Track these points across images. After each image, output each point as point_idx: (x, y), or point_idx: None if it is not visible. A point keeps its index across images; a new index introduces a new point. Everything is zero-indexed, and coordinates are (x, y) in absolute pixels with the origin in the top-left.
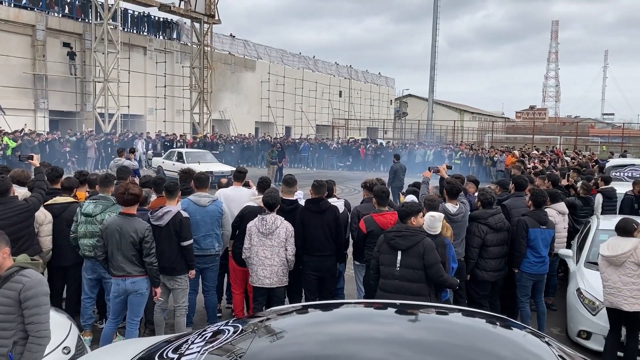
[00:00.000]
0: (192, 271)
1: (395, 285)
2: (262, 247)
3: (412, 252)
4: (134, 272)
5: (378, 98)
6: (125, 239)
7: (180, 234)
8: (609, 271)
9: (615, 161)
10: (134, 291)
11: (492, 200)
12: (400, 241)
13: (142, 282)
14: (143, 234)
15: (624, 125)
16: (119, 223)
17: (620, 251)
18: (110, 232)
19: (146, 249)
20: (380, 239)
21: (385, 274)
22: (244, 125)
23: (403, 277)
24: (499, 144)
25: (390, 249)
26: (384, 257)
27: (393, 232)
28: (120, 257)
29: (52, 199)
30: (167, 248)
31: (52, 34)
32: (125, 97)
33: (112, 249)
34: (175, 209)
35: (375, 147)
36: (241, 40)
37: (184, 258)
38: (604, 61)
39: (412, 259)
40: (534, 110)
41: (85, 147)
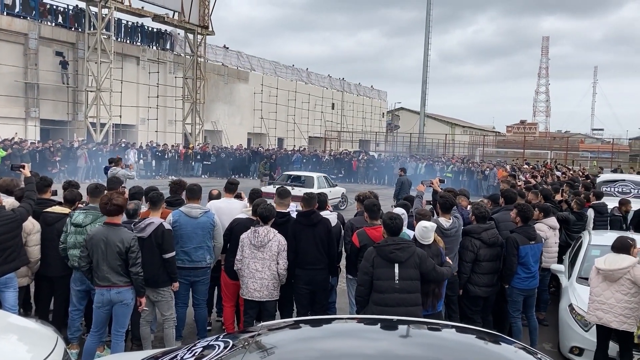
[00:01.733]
0: (176, 284)
1: (396, 299)
2: (254, 260)
3: (409, 263)
4: (119, 283)
5: (370, 111)
6: (111, 249)
7: (163, 246)
8: (602, 286)
9: (605, 176)
10: (119, 301)
11: (487, 214)
12: (399, 254)
13: (127, 292)
14: (129, 244)
15: (613, 140)
16: (104, 233)
17: (618, 266)
18: (96, 242)
19: (132, 259)
20: (371, 253)
21: (384, 288)
22: (236, 136)
23: (403, 289)
24: (489, 158)
25: (386, 262)
26: (380, 271)
27: (390, 245)
28: (106, 267)
29: (49, 207)
30: (149, 260)
31: (45, 42)
32: (118, 107)
33: (97, 259)
34: (158, 221)
35: (368, 159)
36: (234, 52)
37: (166, 270)
38: (594, 77)
39: (410, 270)
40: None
41: (76, 157)
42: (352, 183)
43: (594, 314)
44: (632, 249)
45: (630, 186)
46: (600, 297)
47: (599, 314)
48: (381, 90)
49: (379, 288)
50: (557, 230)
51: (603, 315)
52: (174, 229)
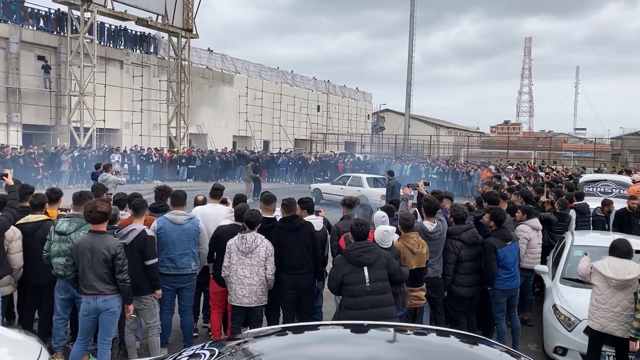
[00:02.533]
0: (158, 291)
1: (369, 301)
2: (242, 266)
3: (378, 264)
4: (106, 291)
5: (356, 112)
6: (97, 257)
7: (144, 253)
8: (608, 293)
9: (588, 176)
10: (105, 309)
11: (465, 216)
12: (367, 256)
13: (113, 300)
14: (116, 251)
15: (595, 140)
16: (90, 241)
17: (630, 275)
18: (81, 250)
19: (119, 266)
20: (340, 261)
21: (357, 292)
22: (222, 139)
23: (375, 291)
24: (474, 159)
25: (355, 267)
26: (351, 276)
27: (357, 249)
28: (92, 276)
29: (23, 217)
30: (131, 267)
31: (26, 47)
32: (101, 111)
33: (83, 267)
34: (140, 227)
35: (354, 160)
36: (219, 55)
37: (149, 277)
38: (576, 77)
39: (379, 272)
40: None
41: (60, 162)
42: None
43: (598, 322)
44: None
45: (612, 186)
46: (607, 304)
47: (604, 322)
48: (366, 92)
49: (350, 293)
50: (540, 231)
51: (608, 323)
52: (158, 236)
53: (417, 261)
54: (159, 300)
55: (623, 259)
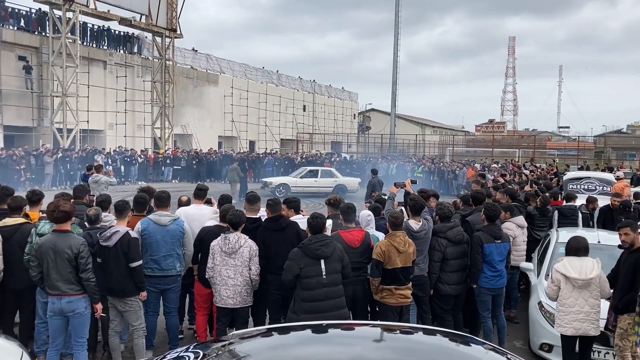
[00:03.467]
0: (143, 293)
1: (325, 293)
2: (225, 267)
3: (334, 257)
4: (70, 291)
5: (342, 112)
6: (60, 257)
7: (129, 255)
8: (574, 295)
9: (572, 174)
10: (71, 311)
11: (450, 214)
12: (324, 249)
13: (78, 301)
14: (78, 249)
15: (579, 138)
16: (52, 241)
17: (593, 273)
18: (45, 250)
19: (82, 265)
20: (297, 254)
21: (313, 284)
22: (207, 139)
23: (331, 282)
24: (459, 157)
25: (313, 259)
26: (308, 269)
27: (315, 242)
28: (56, 275)
29: (1, 220)
30: (116, 269)
31: (7, 47)
32: (85, 112)
33: (47, 267)
34: (124, 229)
35: (340, 160)
36: (203, 55)
37: (133, 280)
38: (559, 76)
39: (334, 264)
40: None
41: (43, 164)
42: None
43: (571, 326)
44: None
45: (595, 183)
46: (575, 306)
47: (577, 325)
48: (352, 92)
49: (307, 285)
50: (524, 228)
51: (580, 325)
52: (142, 237)
53: (403, 260)
54: (144, 302)
55: (582, 257)
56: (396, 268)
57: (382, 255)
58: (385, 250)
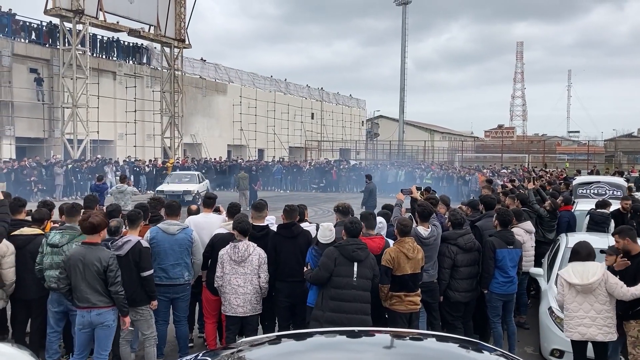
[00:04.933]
0: (154, 302)
1: (353, 295)
2: (235, 275)
3: (366, 263)
4: (100, 303)
5: (350, 119)
6: (89, 269)
7: (140, 264)
8: (579, 300)
9: (581, 179)
10: (100, 323)
11: (462, 221)
12: (360, 253)
13: (108, 313)
14: (107, 262)
15: (589, 142)
16: (82, 253)
17: (593, 278)
18: (74, 262)
19: (111, 278)
20: (333, 252)
21: (343, 284)
22: (216, 148)
23: (359, 286)
24: (469, 163)
25: (347, 260)
26: (340, 268)
27: (352, 245)
28: (85, 288)
29: (18, 229)
30: (127, 278)
31: (19, 59)
32: (95, 123)
33: (76, 280)
34: (135, 239)
35: (348, 168)
36: (212, 64)
37: (144, 289)
38: (568, 80)
39: (365, 270)
40: (502, 129)
41: (54, 174)
42: (333, 192)
43: (576, 331)
44: (611, 257)
45: (605, 187)
46: (579, 311)
47: (582, 330)
48: (360, 99)
49: (337, 284)
50: (532, 234)
51: (586, 330)
52: (151, 246)
53: (412, 266)
54: (154, 311)
55: (585, 262)
56: (405, 274)
57: (391, 262)
58: (395, 256)
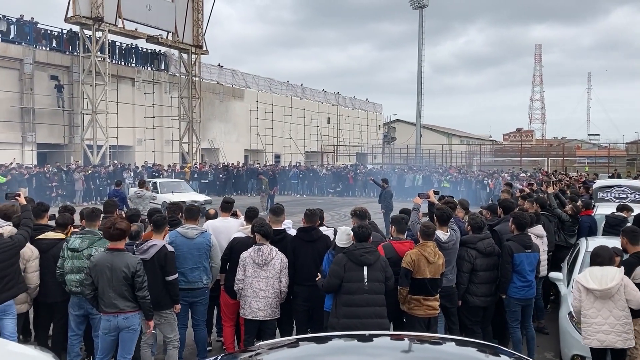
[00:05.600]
0: (177, 305)
1: (365, 299)
2: (257, 279)
3: (376, 266)
4: (127, 308)
5: (366, 124)
6: (116, 275)
7: (165, 268)
8: (597, 306)
9: (602, 182)
10: (126, 327)
11: (482, 225)
12: (368, 257)
13: (134, 317)
14: (135, 268)
15: (609, 145)
16: (109, 259)
17: (612, 282)
18: (100, 268)
19: (139, 283)
20: (342, 259)
21: (354, 289)
22: (233, 153)
23: (371, 290)
24: (487, 167)
25: (356, 265)
26: (351, 274)
27: (360, 249)
28: (112, 294)
29: (42, 234)
30: (152, 282)
31: (40, 67)
32: (114, 129)
33: (103, 285)
34: (161, 243)
35: (365, 172)
36: (229, 70)
37: (169, 292)
38: (588, 83)
39: (376, 273)
40: (521, 132)
41: (74, 180)
42: (349, 197)
43: (595, 338)
44: (615, 259)
45: (627, 191)
46: (598, 318)
47: (601, 337)
48: (376, 103)
49: (348, 290)
50: (544, 237)
51: (605, 337)
52: None
53: (432, 271)
54: None
55: (604, 267)
56: (425, 278)
57: (412, 264)
58: (416, 259)
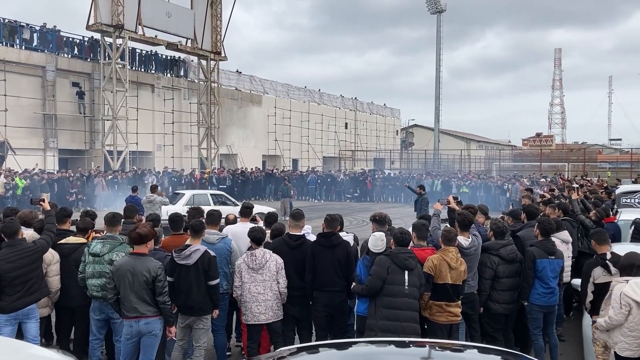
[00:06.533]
0: (216, 310)
1: (405, 303)
2: (254, 283)
3: (416, 272)
4: (148, 313)
5: (384, 129)
6: (138, 279)
7: (208, 273)
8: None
9: (625, 187)
10: (148, 332)
11: (505, 230)
12: (411, 261)
13: (155, 322)
14: (156, 273)
15: (632, 150)
16: (130, 263)
17: None
18: (122, 273)
19: (159, 288)
20: (385, 261)
21: (395, 292)
22: (251, 159)
23: (411, 294)
24: (506, 172)
25: (399, 269)
26: (393, 277)
27: (404, 253)
28: (134, 298)
29: (64, 238)
30: (195, 287)
31: (62, 74)
32: (134, 134)
33: (124, 290)
34: (203, 248)
35: (383, 177)
36: (247, 76)
37: (211, 297)
38: (609, 87)
39: (415, 278)
40: (540, 137)
41: (94, 185)
42: (367, 202)
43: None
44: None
45: None
46: (636, 331)
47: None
48: (394, 108)
49: (390, 292)
50: (569, 244)
51: None
52: None
53: (454, 277)
54: None
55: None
56: (446, 283)
57: (433, 269)
58: (437, 264)
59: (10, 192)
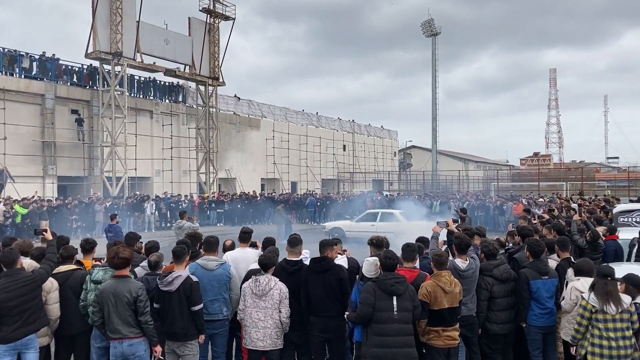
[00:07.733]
0: (202, 336)
1: (395, 329)
2: (256, 309)
3: (406, 296)
4: (130, 334)
5: (382, 150)
6: (120, 301)
7: (191, 299)
8: None
9: (622, 206)
10: (132, 354)
11: (495, 251)
12: (399, 287)
13: (139, 344)
14: (137, 293)
15: (629, 168)
16: (113, 286)
17: None
18: (106, 295)
19: (141, 308)
20: (371, 287)
21: (384, 319)
22: (250, 182)
23: (401, 319)
24: (505, 192)
25: (386, 295)
26: (380, 303)
27: (390, 279)
28: (117, 319)
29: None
30: (178, 314)
31: (61, 102)
32: (133, 160)
33: (108, 311)
34: (185, 274)
35: (382, 199)
36: (245, 100)
37: (195, 323)
38: (604, 106)
39: (406, 302)
40: (538, 156)
41: (93, 212)
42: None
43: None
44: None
45: None
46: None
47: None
48: (391, 130)
49: (378, 319)
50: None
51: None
52: None
53: (450, 300)
54: None
55: None
56: (443, 309)
57: (428, 296)
58: (432, 290)
59: (9, 220)
